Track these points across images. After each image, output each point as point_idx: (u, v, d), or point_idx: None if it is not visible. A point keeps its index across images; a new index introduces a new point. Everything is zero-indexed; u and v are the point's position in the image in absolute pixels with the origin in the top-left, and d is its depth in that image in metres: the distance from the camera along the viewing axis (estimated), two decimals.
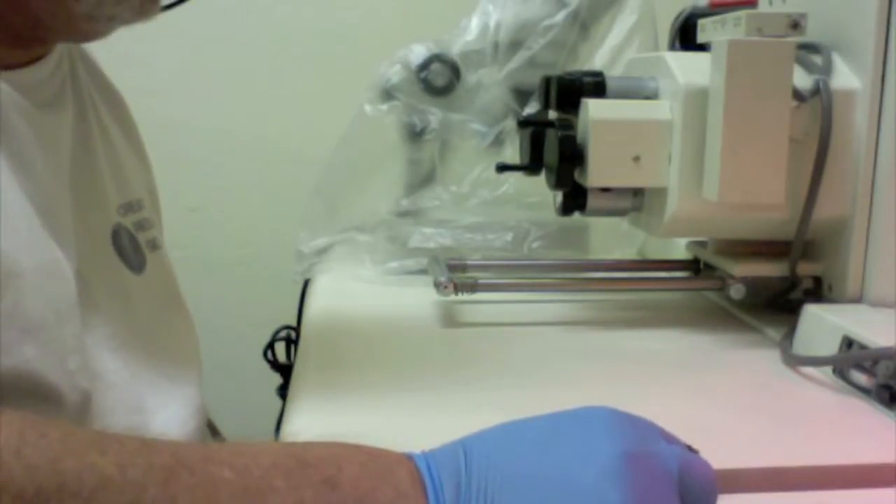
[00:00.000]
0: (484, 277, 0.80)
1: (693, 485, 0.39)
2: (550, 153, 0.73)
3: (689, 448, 0.46)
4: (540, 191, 0.84)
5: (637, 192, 0.73)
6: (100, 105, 0.63)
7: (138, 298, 0.61)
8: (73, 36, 0.55)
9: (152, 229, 0.66)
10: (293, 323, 0.95)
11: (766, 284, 0.75)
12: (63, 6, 0.50)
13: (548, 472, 0.38)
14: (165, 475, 0.35)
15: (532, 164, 0.75)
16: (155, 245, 0.66)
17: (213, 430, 0.73)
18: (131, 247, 0.62)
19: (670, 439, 0.43)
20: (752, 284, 0.74)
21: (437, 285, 0.76)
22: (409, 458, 0.40)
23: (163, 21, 0.55)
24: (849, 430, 0.55)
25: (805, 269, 0.72)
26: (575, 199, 0.73)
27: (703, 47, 0.71)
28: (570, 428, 0.41)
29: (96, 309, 0.55)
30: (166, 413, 0.60)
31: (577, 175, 0.72)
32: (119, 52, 0.68)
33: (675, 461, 0.39)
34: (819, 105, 0.67)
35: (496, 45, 1.00)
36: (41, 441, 0.34)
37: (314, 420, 0.57)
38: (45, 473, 0.34)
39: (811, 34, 0.67)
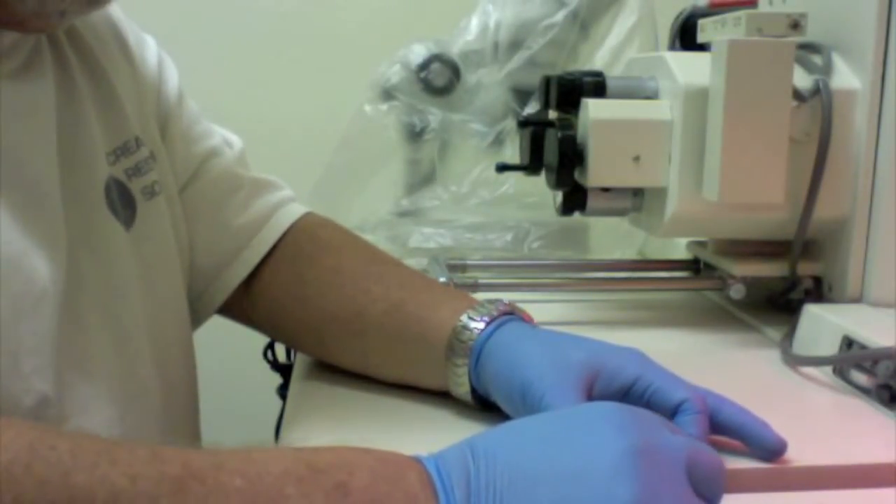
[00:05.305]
0: (484, 277, 0.80)
1: (701, 473, 0.40)
2: (550, 153, 0.72)
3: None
4: (540, 191, 0.84)
5: (637, 192, 0.73)
6: (89, 40, 0.59)
7: (124, 260, 0.57)
8: (27, 31, 0.52)
9: (151, 172, 0.61)
10: None
11: (766, 284, 0.75)
12: (6, 9, 0.48)
13: (556, 469, 0.38)
14: (176, 486, 0.35)
15: (532, 164, 0.75)
16: (152, 192, 0.61)
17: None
18: (121, 201, 0.58)
19: (675, 430, 0.43)
20: (752, 284, 0.74)
21: None
22: (417, 460, 0.40)
23: (160, 22, 0.55)
24: (849, 430, 0.55)
25: (805, 269, 0.72)
26: (575, 199, 0.73)
27: (703, 47, 0.71)
28: (578, 424, 0.41)
29: (82, 286, 0.52)
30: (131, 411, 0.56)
31: (577, 175, 0.72)
32: None
33: (682, 451, 0.40)
34: (819, 105, 0.67)
35: (496, 45, 1.00)
36: (51, 454, 0.34)
37: (314, 421, 0.57)
38: (57, 488, 0.33)
39: (811, 34, 0.67)
